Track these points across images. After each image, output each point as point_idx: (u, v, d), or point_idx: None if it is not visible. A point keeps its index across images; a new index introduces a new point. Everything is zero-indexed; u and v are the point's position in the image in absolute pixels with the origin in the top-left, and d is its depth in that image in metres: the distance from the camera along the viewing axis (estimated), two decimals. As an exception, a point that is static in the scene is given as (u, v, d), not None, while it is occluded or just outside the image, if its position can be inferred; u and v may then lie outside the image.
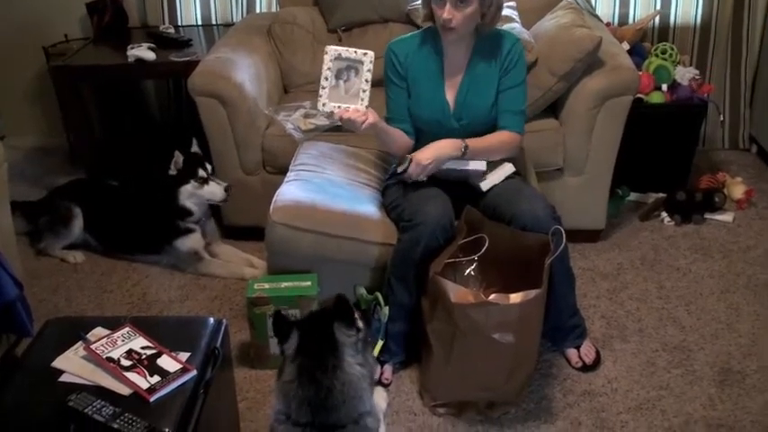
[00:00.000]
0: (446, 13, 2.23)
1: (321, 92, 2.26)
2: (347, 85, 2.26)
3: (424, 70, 2.41)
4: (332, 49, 2.25)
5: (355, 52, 2.24)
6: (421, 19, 2.45)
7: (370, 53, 2.25)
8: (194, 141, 2.98)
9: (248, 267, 2.99)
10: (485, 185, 2.41)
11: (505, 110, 2.41)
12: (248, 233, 3.08)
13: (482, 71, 2.39)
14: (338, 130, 2.97)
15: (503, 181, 2.43)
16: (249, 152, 3.01)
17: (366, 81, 2.25)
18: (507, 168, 2.46)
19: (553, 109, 3.02)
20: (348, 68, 2.26)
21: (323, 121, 3.00)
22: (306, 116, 3.07)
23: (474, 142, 2.35)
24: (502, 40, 2.39)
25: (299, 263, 2.45)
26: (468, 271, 2.38)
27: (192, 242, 2.99)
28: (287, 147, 2.92)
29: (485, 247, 2.27)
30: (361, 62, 2.24)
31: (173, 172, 2.91)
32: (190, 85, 2.93)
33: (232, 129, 2.97)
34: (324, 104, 2.27)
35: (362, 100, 2.25)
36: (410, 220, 2.28)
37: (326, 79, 2.25)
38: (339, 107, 2.26)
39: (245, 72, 3.03)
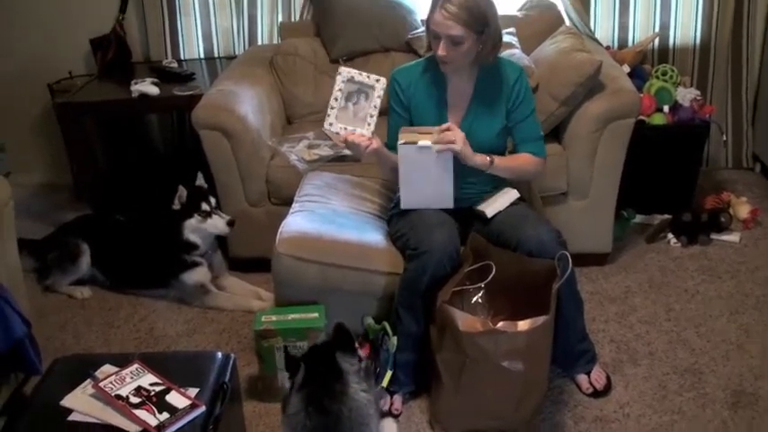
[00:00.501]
0: (440, 50, 2.25)
1: (330, 111, 2.30)
2: (356, 108, 2.30)
3: (427, 98, 2.43)
4: (345, 71, 2.29)
5: (368, 77, 2.28)
6: (424, 49, 2.48)
7: (383, 80, 2.29)
8: (200, 175, 2.99)
9: (256, 300, 2.99)
10: (490, 212, 2.42)
11: (524, 139, 2.44)
12: (255, 265, 3.08)
13: (487, 101, 2.40)
14: (342, 160, 3.00)
15: (507, 207, 2.43)
16: (253, 184, 3.03)
17: (375, 107, 2.29)
18: (512, 194, 2.47)
19: (556, 133, 3.03)
20: (359, 92, 2.29)
21: (327, 152, 3.02)
22: (310, 147, 3.09)
23: (501, 159, 2.39)
24: (506, 70, 2.41)
25: (306, 294, 2.45)
26: (475, 299, 2.38)
27: (198, 275, 2.99)
28: (291, 178, 2.93)
29: (492, 275, 2.26)
30: (373, 87, 2.28)
31: (176, 206, 2.92)
32: (193, 119, 2.95)
33: (236, 161, 2.98)
34: (331, 124, 2.31)
35: (369, 125, 2.29)
36: (416, 249, 2.28)
37: (336, 100, 2.29)
38: (345, 129, 2.30)
39: (249, 104, 3.05)
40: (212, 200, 2.96)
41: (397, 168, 2.32)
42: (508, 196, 2.46)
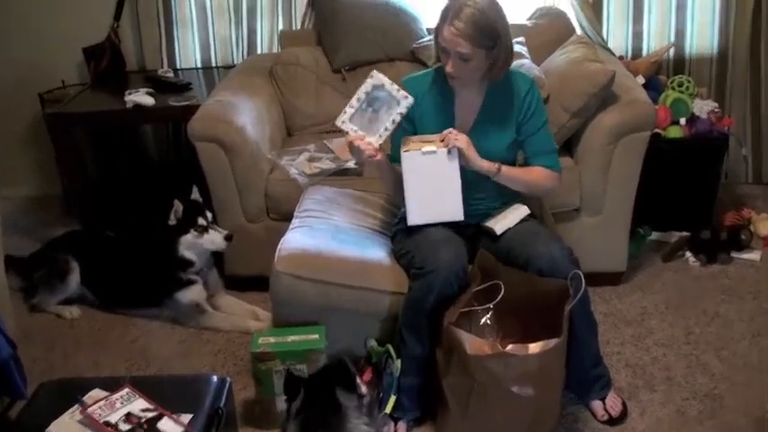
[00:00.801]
0: (449, 66, 2.26)
1: (347, 109, 2.31)
2: (374, 116, 2.31)
3: (434, 110, 2.42)
4: (378, 76, 2.31)
5: (398, 90, 2.30)
6: (432, 60, 2.48)
7: (411, 99, 2.30)
8: (195, 189, 2.98)
9: (253, 320, 2.96)
10: (499, 228, 2.41)
11: (537, 153, 2.44)
12: (252, 283, 3.06)
13: (496, 114, 2.40)
14: (344, 174, 2.99)
15: (517, 223, 2.42)
16: (252, 198, 3.02)
17: (393, 122, 2.30)
18: (521, 211, 2.46)
19: (568, 147, 3.02)
20: (383, 101, 2.31)
21: (328, 165, 3.01)
22: (310, 160, 3.08)
23: (510, 169, 2.38)
24: (516, 82, 2.40)
25: (305, 314, 2.43)
26: (483, 320, 2.36)
27: (193, 294, 2.97)
28: (291, 192, 2.92)
29: (501, 295, 2.24)
30: (398, 102, 2.30)
31: (172, 222, 2.90)
32: (189, 131, 2.95)
33: (234, 174, 2.98)
34: (343, 122, 2.32)
35: (380, 137, 2.31)
36: (421, 268, 2.26)
37: (358, 100, 2.31)
38: (355, 131, 2.29)
39: (247, 115, 3.05)
40: (209, 214, 2.95)
41: (401, 182, 2.31)
42: (518, 212, 2.45)
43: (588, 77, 2.88)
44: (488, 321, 2.36)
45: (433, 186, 2.29)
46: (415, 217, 2.36)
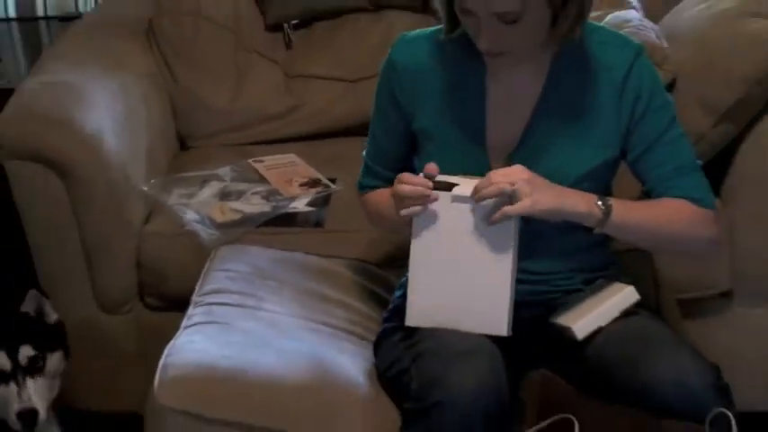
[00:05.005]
0: (484, 39, 2.29)
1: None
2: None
3: (449, 104, 2.49)
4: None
5: None
6: (445, 26, 2.50)
7: None
8: (32, 295, 2.98)
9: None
10: (581, 329, 2.42)
11: (668, 175, 2.44)
12: (112, 429, 3.12)
13: (570, 115, 2.45)
14: (288, 223, 3.05)
15: (616, 319, 2.47)
16: (111, 268, 3.09)
17: None
18: (625, 295, 2.49)
19: (709, 176, 3.07)
20: None
21: (257, 208, 3.07)
22: (224, 196, 3.15)
23: (626, 205, 2.39)
24: (607, 52, 2.45)
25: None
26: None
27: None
28: (186, 257, 3.01)
29: None
30: None
31: None
32: (-6, 138, 3.02)
33: (78, 221, 3.05)
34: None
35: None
36: (421, 399, 2.29)
37: None
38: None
39: (104, 111, 3.14)
40: (26, 351, 2.91)
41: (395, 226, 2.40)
42: (617, 299, 2.47)
43: (751, 47, 2.96)
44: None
45: (463, 267, 2.34)
46: (417, 314, 2.43)
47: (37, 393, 2.74)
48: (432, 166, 2.27)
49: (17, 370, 2.77)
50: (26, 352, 2.76)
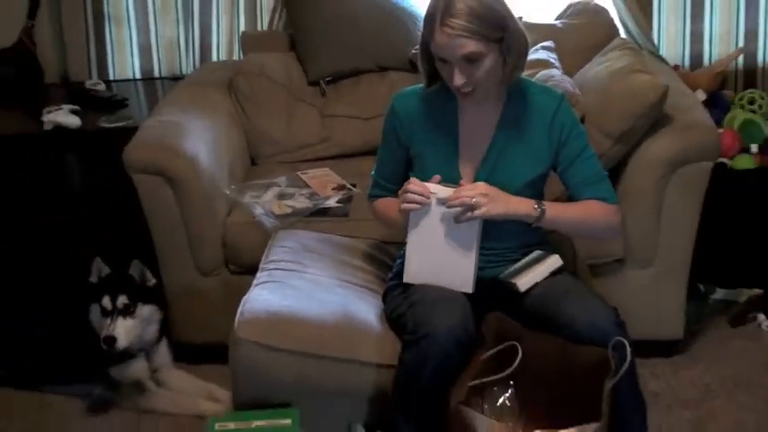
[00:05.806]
0: (456, 77, 2.29)
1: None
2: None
3: (434, 135, 2.51)
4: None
5: None
6: (425, 82, 2.50)
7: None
8: (136, 264, 3.01)
9: (208, 400, 2.99)
10: (523, 284, 2.43)
11: (584, 182, 2.48)
12: (207, 354, 3.10)
13: (518, 138, 2.47)
14: (324, 214, 3.07)
15: (546, 278, 2.47)
16: (205, 246, 3.09)
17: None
18: (552, 261, 2.49)
19: (612, 182, 3.07)
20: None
21: (304, 204, 3.09)
22: (280, 197, 3.17)
23: (554, 207, 2.43)
24: (539, 100, 2.47)
25: (275, 394, 2.46)
26: (502, 399, 2.36)
27: (133, 371, 2.98)
28: (256, 238, 3.00)
29: (518, 358, 2.25)
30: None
31: (94, 280, 2.98)
32: (125, 160, 3.00)
33: (182, 216, 3.05)
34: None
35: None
36: (413, 333, 2.29)
37: None
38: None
39: (199, 140, 3.14)
40: (122, 299, 2.91)
41: (397, 223, 2.40)
42: (547, 264, 2.49)
43: (634, 93, 2.94)
44: (508, 402, 2.37)
45: (442, 246, 2.39)
46: (412, 275, 2.46)
47: (122, 328, 2.88)
48: (436, 177, 2.35)
49: (114, 310, 2.88)
50: (122, 300, 2.89)
